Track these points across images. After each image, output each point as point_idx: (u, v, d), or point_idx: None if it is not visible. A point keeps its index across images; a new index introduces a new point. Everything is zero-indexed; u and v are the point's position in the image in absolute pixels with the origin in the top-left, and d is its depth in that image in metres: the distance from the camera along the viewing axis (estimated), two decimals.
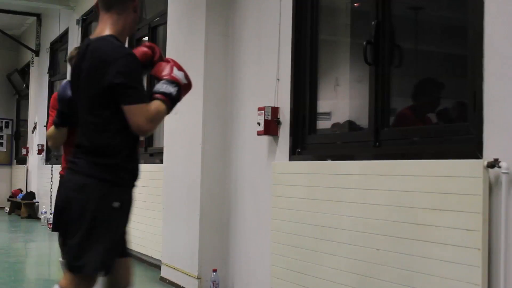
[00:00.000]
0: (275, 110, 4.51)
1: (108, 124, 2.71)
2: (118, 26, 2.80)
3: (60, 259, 4.25)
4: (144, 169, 7.35)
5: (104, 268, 2.73)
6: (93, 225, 2.66)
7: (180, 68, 2.84)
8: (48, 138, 4.13)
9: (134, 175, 2.81)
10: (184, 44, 5.56)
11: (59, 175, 4.33)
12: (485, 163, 2.76)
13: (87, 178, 2.70)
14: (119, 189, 2.74)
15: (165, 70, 2.81)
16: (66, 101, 3.82)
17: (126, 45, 2.96)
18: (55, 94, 4.28)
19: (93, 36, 2.82)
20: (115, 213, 2.71)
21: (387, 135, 3.60)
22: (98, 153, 2.72)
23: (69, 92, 3.81)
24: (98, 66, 2.66)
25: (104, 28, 2.79)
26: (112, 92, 2.63)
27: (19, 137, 15.22)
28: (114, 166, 2.73)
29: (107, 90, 2.64)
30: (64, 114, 3.91)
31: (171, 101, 2.74)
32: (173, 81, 2.77)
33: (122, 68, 2.63)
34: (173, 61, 2.88)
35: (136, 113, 2.64)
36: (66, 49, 10.74)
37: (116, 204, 2.69)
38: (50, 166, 11.01)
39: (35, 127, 12.63)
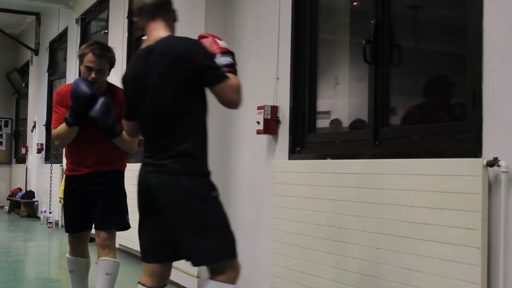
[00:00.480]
0: (274, 109, 4.51)
1: (187, 119, 2.84)
2: (168, 30, 2.96)
3: (68, 255, 4.17)
4: None
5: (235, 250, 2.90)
6: (211, 217, 2.81)
7: (219, 38, 2.98)
8: (57, 137, 3.96)
9: (208, 164, 2.95)
10: None
11: (64, 175, 4.20)
12: (485, 162, 2.76)
13: (183, 176, 2.80)
14: (209, 179, 2.88)
15: (212, 45, 2.93)
16: (86, 98, 3.73)
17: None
18: (58, 89, 4.13)
19: (148, 42, 2.92)
20: (218, 201, 2.85)
21: (387, 134, 3.61)
22: (183, 149, 2.81)
23: (85, 89, 3.72)
24: (180, 59, 2.79)
25: (159, 32, 2.93)
26: (197, 78, 2.79)
27: (18, 136, 15.23)
28: (199, 159, 2.86)
29: (192, 78, 2.79)
30: (77, 112, 3.81)
31: (234, 68, 2.90)
32: (225, 51, 2.91)
33: (204, 51, 2.83)
34: (210, 34, 3.01)
35: (227, 90, 2.81)
36: (66, 48, 10.73)
37: (215, 193, 2.85)
38: (50, 165, 11.01)
39: (34, 126, 12.63)
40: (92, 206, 3.95)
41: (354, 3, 4.45)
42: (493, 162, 2.73)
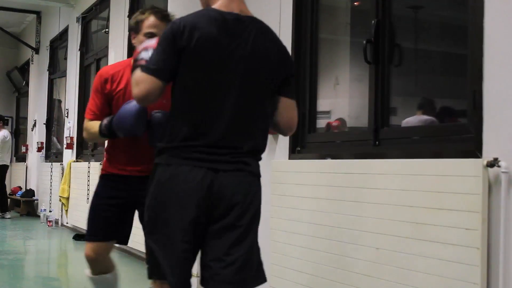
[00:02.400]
0: None
1: (268, 119, 2.51)
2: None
3: (88, 274, 3.42)
4: None
5: None
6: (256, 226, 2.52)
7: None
8: (87, 133, 3.25)
9: None
10: None
11: (101, 172, 3.41)
12: (485, 162, 2.76)
13: (258, 179, 2.50)
14: None
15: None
16: (129, 134, 2.97)
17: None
18: (101, 71, 3.33)
19: (232, 8, 2.45)
20: None
21: (387, 134, 3.60)
22: (259, 150, 2.51)
23: (133, 127, 2.89)
24: (284, 54, 2.48)
25: (246, 8, 2.53)
26: (281, 84, 2.48)
27: (18, 135, 15.23)
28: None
29: (281, 81, 2.48)
30: (114, 132, 3.02)
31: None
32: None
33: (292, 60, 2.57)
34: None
35: (295, 109, 2.57)
36: (66, 47, 10.73)
37: None
38: (50, 163, 11.01)
39: (34, 125, 12.63)
40: (137, 210, 3.33)
41: (355, 3, 4.45)
42: (493, 163, 2.73)
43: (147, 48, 2.56)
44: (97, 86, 3.24)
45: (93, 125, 3.15)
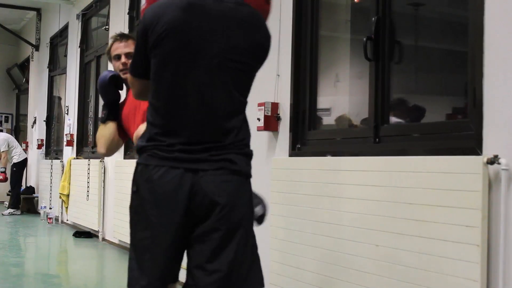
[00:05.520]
0: (275, 106, 4.50)
1: (245, 103, 2.37)
2: None
3: None
4: None
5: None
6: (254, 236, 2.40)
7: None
8: (97, 140, 3.34)
9: None
10: None
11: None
12: (485, 159, 2.76)
13: (245, 179, 2.35)
14: None
15: None
16: (106, 82, 3.22)
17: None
18: None
19: None
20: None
21: (387, 131, 3.60)
22: (244, 143, 2.34)
23: (105, 74, 3.29)
24: (256, 26, 2.38)
25: None
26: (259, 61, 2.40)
27: (18, 132, 15.22)
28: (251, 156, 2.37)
29: (263, 57, 2.42)
30: (109, 105, 3.25)
31: None
32: None
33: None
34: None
35: None
36: (66, 44, 10.73)
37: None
38: (50, 161, 11.01)
39: (34, 122, 12.63)
40: None
41: (355, 0, 4.45)
42: (493, 160, 2.73)
43: None
44: None
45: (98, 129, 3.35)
